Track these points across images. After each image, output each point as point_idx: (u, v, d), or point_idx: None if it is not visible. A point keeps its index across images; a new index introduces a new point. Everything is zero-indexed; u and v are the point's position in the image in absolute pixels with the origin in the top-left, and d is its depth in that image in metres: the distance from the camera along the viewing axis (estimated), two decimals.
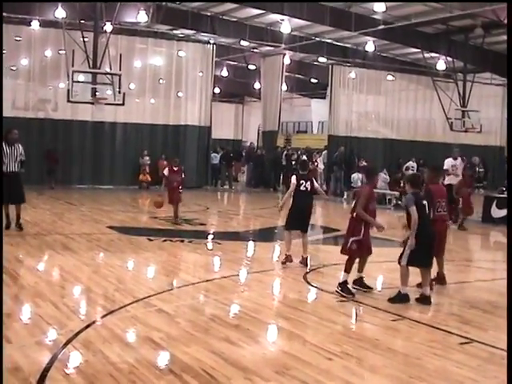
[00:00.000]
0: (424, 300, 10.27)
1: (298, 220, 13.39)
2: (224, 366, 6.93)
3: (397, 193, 28.24)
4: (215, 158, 36.37)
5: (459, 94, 36.09)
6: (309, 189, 13.21)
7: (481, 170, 35.88)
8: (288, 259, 13.28)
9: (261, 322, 8.89)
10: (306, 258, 13.35)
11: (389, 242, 18.24)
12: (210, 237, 17.55)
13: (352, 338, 8.23)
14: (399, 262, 10.36)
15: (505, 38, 35.27)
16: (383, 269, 13.63)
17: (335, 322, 8.94)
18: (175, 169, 19.26)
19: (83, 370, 6.65)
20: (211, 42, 34.87)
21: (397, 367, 7.18)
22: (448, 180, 22.86)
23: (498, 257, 17.09)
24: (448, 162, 23.20)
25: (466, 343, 8.18)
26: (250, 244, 17.12)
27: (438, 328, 8.84)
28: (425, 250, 10.24)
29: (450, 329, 8.80)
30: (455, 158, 23.22)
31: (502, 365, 7.42)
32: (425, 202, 10.41)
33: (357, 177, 31.02)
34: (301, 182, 13.18)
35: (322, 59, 40.44)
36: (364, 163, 32.46)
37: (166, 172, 19.30)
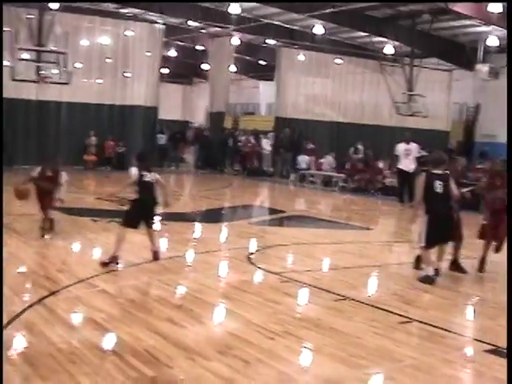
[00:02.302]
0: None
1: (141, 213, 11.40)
2: (166, 346, 6.94)
3: (342, 175, 28.45)
4: (162, 138, 36.14)
5: (406, 78, 36.37)
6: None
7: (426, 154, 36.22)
8: (114, 260, 10.88)
9: (205, 302, 8.90)
10: (156, 252, 11.56)
11: (336, 224, 18.48)
12: (158, 218, 17.41)
13: (294, 318, 8.30)
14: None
15: (452, 24, 35.74)
16: (329, 250, 13.75)
17: (278, 303, 8.98)
18: (50, 174, 13.70)
19: (24, 351, 6.61)
20: (159, 21, 34.58)
21: (337, 346, 7.25)
22: (402, 165, 23.14)
23: None
24: (401, 147, 23.42)
25: (406, 322, 8.31)
26: (196, 225, 17.10)
27: (379, 308, 8.95)
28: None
29: (391, 308, 8.92)
30: (408, 142, 23.43)
31: (440, 343, 7.58)
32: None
33: (302, 159, 31.18)
34: (143, 173, 11.21)
35: (270, 41, 40.40)
36: (311, 146, 32.63)
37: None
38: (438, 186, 10.58)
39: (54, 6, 27.22)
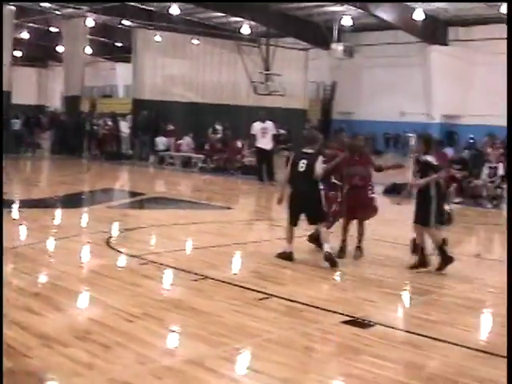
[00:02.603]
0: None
1: None
2: (23, 335, 6.78)
3: (202, 156, 28.51)
4: (16, 124, 35.09)
5: (262, 57, 36.72)
6: None
7: (284, 132, 36.80)
8: None
9: (64, 289, 8.73)
10: None
11: (196, 204, 18.54)
12: (14, 205, 16.95)
13: (154, 299, 8.28)
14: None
15: (307, 4, 36.41)
16: (189, 231, 13.80)
17: (138, 285, 8.93)
18: None
19: None
20: (10, 3, 33.48)
21: (197, 325, 7.30)
22: (259, 144, 23.37)
23: None
24: (257, 126, 23.65)
25: (264, 298, 8.45)
26: (54, 211, 16.74)
27: (239, 285, 9.06)
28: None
29: (249, 285, 9.05)
30: (263, 121, 23.69)
31: (298, 317, 7.77)
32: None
33: (160, 140, 31.05)
34: None
35: (126, 22, 39.95)
36: (170, 127, 32.50)
37: None
38: (302, 164, 10.51)
39: None
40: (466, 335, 7.48)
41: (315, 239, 11.47)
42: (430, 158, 10.29)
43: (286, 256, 10.71)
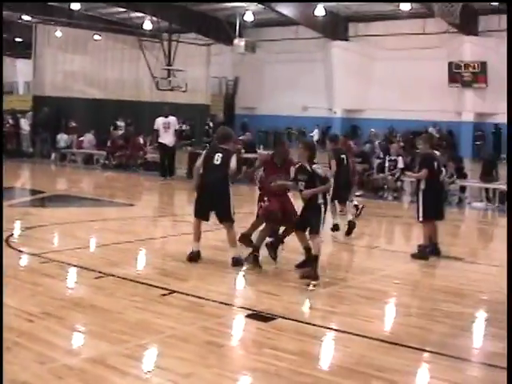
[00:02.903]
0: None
1: None
2: None
3: (104, 153, 28.18)
4: None
5: (165, 53, 36.55)
6: None
7: (187, 127, 36.77)
8: None
9: None
10: None
11: (99, 201, 18.32)
12: None
13: (54, 298, 8.15)
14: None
15: None
16: (91, 228, 13.64)
17: (38, 284, 8.78)
18: None
19: None
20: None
21: (99, 323, 7.24)
22: (162, 139, 23.25)
23: None
24: (160, 121, 23.50)
25: (166, 294, 8.43)
26: None
27: (141, 282, 9.01)
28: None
29: (152, 282, 9.01)
30: (166, 116, 23.57)
31: (200, 312, 7.80)
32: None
33: (62, 138, 30.57)
34: None
35: (26, 17, 39.13)
36: (71, 124, 32.03)
37: None
38: (218, 157, 10.25)
39: None
40: (368, 326, 7.61)
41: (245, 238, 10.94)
42: (318, 169, 10.18)
43: (193, 257, 10.43)
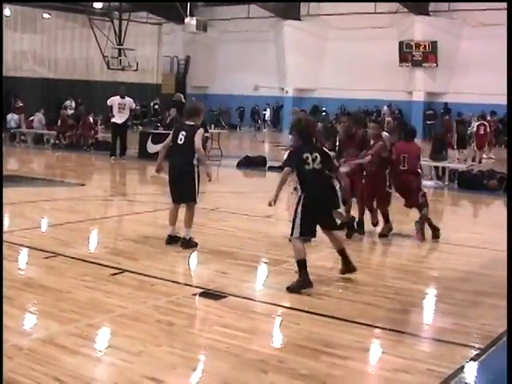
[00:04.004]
0: None
1: None
2: None
3: (54, 132, 27.86)
4: None
5: (115, 32, 36.26)
6: None
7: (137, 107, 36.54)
8: None
9: None
10: None
11: (49, 182, 18.14)
12: None
13: (4, 279, 8.06)
14: None
15: None
16: (41, 208, 13.53)
17: None
18: None
19: None
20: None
21: (48, 303, 7.22)
22: (115, 119, 23.00)
23: (151, 191, 17.51)
24: (115, 100, 23.20)
25: (117, 274, 8.42)
26: None
27: (91, 262, 8.97)
28: None
29: (102, 261, 8.99)
30: (123, 97, 23.29)
31: (150, 290, 7.81)
32: None
33: (11, 117, 30.15)
34: None
35: None
36: (20, 104, 31.61)
37: None
38: (181, 136, 9.97)
39: None
40: (318, 303, 7.68)
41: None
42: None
43: (171, 239, 10.18)
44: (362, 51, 38.17)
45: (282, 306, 7.57)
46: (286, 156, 9.62)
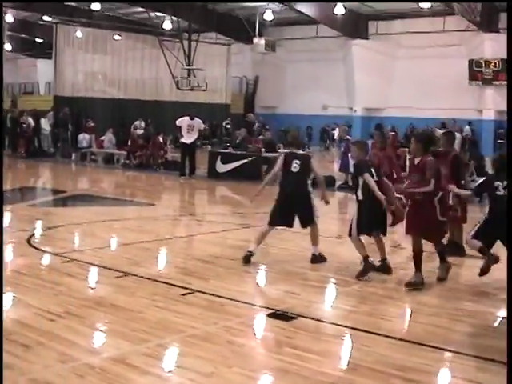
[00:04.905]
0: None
1: None
2: None
3: (124, 152, 28.21)
4: None
5: (185, 53, 36.62)
6: None
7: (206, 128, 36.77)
8: None
9: None
10: None
11: (119, 201, 18.39)
12: None
13: (75, 297, 8.19)
14: None
15: None
16: (111, 228, 13.69)
17: (59, 284, 8.82)
18: None
19: None
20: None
21: (119, 322, 7.28)
22: (184, 139, 23.21)
23: (221, 210, 17.64)
24: (185, 121, 23.39)
25: (187, 294, 8.44)
26: None
27: (161, 281, 9.03)
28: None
29: (172, 281, 9.03)
30: (192, 118, 23.50)
31: (220, 311, 7.80)
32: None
33: (83, 137, 30.71)
34: None
35: (46, 18, 39.36)
36: (91, 124, 32.17)
37: None
38: (295, 165, 10.35)
39: None
40: (388, 325, 7.59)
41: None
42: None
43: (247, 257, 10.29)
44: (431, 70, 37.80)
45: (351, 327, 7.49)
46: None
